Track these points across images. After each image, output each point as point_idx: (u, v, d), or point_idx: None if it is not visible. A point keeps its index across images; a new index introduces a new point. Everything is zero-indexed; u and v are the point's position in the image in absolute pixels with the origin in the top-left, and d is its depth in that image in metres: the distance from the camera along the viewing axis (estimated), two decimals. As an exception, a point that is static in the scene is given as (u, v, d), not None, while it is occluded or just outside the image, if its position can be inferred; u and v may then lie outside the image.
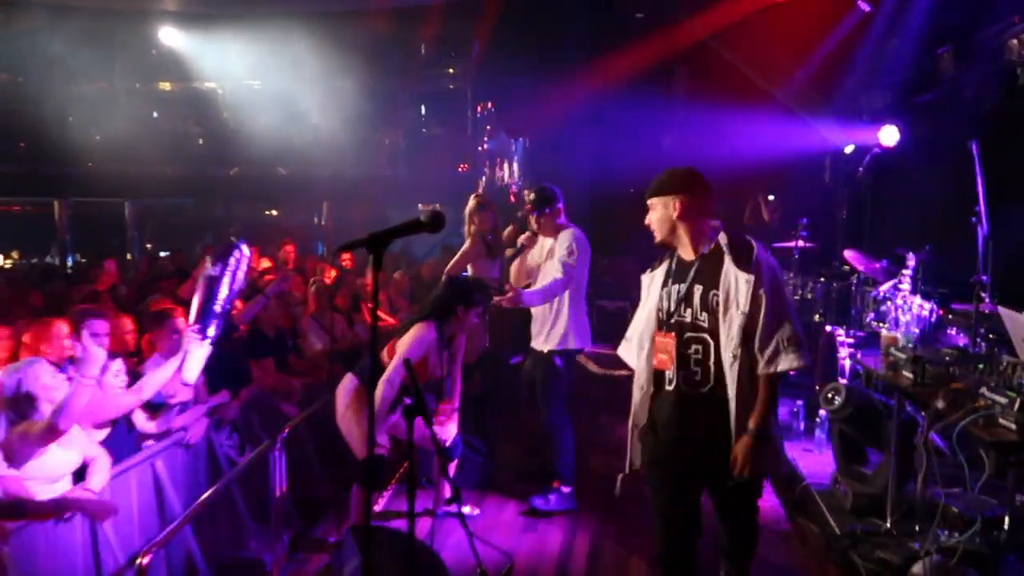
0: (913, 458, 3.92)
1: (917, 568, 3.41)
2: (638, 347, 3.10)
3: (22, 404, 3.30)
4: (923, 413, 3.77)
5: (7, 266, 15.02)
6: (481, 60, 13.00)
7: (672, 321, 2.96)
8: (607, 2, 10.62)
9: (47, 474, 3.33)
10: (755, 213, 9.17)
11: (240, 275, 4.38)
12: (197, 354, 4.16)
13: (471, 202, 5.60)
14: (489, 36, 11.95)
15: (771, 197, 9.60)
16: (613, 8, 10.59)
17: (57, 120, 13.58)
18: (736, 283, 2.80)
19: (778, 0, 8.74)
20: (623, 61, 9.48)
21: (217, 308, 4.23)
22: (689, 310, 2.92)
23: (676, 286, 2.98)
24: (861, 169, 7.06)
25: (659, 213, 3.01)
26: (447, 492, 4.37)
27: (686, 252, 3.00)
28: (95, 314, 4.32)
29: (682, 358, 2.92)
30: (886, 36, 8.03)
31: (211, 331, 4.23)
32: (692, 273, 2.94)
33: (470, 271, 5.72)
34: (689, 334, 2.92)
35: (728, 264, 2.85)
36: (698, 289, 2.91)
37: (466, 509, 4.58)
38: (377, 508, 4.90)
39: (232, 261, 4.31)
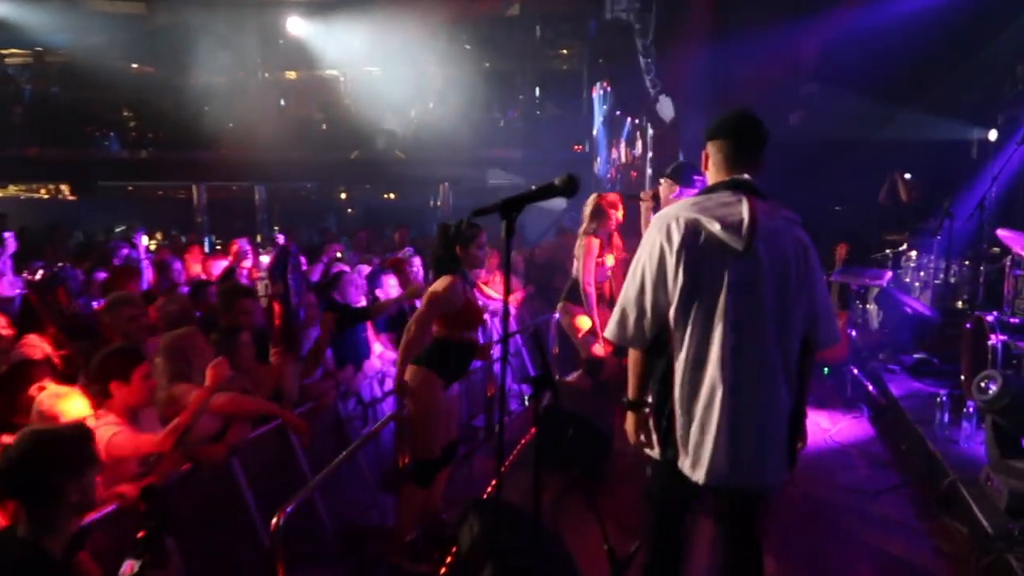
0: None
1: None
2: None
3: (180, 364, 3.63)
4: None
5: (152, 247, 16.14)
6: (597, 36, 12.79)
7: None
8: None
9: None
10: (892, 191, 8.60)
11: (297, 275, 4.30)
12: (294, 370, 4.26)
13: (591, 202, 5.56)
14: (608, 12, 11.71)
15: (908, 175, 8.99)
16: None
17: (194, 109, 14.44)
18: None
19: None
20: (745, 31, 9.03)
21: (295, 323, 4.27)
22: None
23: None
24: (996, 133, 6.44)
25: None
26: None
27: None
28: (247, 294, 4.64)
29: None
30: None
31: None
32: None
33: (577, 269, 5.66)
34: None
35: None
36: None
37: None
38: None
39: (291, 270, 4.21)
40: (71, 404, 3.10)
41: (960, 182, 7.86)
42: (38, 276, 4.90)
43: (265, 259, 3.93)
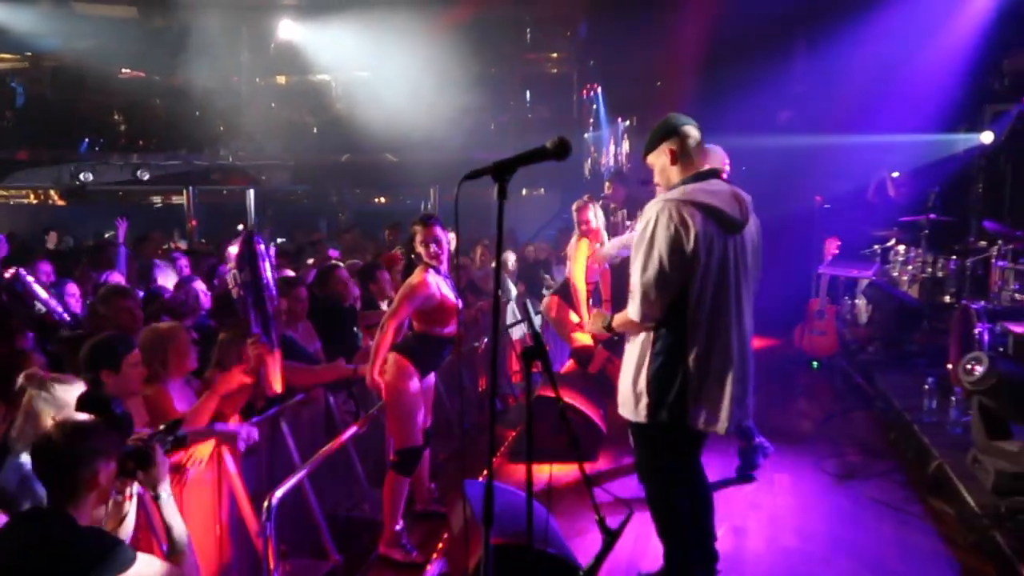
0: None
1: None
2: None
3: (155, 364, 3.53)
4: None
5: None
6: (587, 39, 12.89)
7: None
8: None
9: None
10: (880, 189, 8.69)
11: (268, 264, 3.90)
12: (274, 364, 3.87)
13: (579, 205, 5.64)
14: (595, 12, 11.83)
15: (895, 174, 9.09)
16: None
17: (185, 113, 14.42)
18: None
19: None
20: (737, 32, 9.14)
21: (271, 310, 3.86)
22: None
23: None
24: (992, 136, 6.52)
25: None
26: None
27: None
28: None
29: None
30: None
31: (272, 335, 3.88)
32: None
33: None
34: None
35: None
36: None
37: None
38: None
39: (260, 256, 3.83)
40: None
41: (947, 179, 7.94)
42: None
43: (233, 249, 3.82)
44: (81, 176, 13.64)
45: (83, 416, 2.28)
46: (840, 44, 9.35)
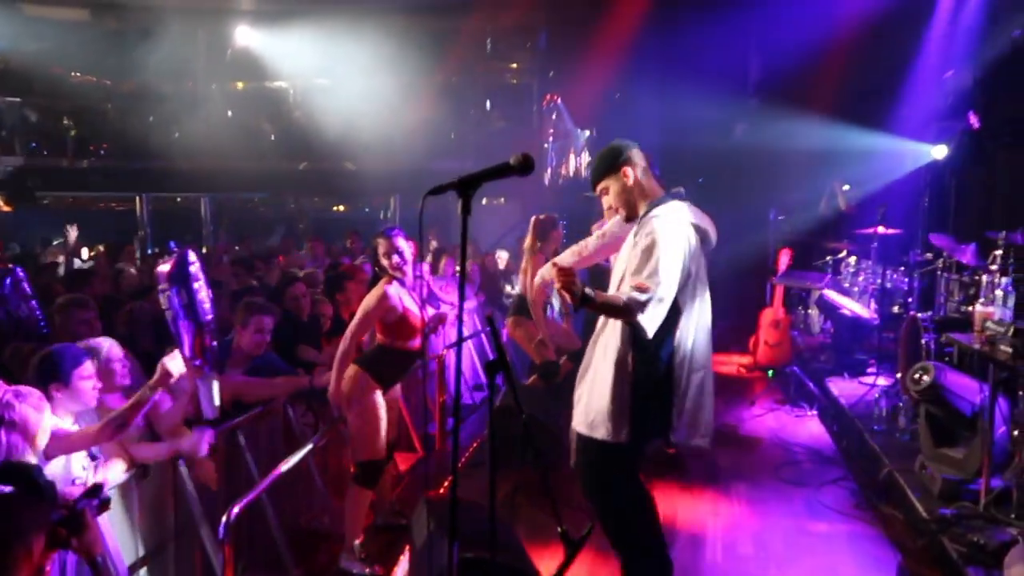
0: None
1: (1016, 551, 3.23)
2: None
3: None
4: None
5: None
6: (547, 50, 13.00)
7: None
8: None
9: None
10: (831, 202, 8.91)
11: (202, 283, 3.62)
12: (208, 388, 3.65)
13: (532, 223, 5.56)
14: (555, 23, 11.95)
15: (846, 187, 9.32)
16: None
17: (139, 119, 14.14)
18: None
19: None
20: (693, 47, 9.32)
21: (208, 334, 3.60)
22: None
23: None
24: (946, 149, 6.75)
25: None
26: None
27: None
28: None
29: None
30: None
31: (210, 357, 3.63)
32: None
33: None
34: None
35: None
36: None
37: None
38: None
39: (194, 276, 3.54)
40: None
41: (895, 190, 8.18)
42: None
43: (164, 268, 3.60)
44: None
45: (5, 489, 2.17)
46: (796, 55, 9.58)
